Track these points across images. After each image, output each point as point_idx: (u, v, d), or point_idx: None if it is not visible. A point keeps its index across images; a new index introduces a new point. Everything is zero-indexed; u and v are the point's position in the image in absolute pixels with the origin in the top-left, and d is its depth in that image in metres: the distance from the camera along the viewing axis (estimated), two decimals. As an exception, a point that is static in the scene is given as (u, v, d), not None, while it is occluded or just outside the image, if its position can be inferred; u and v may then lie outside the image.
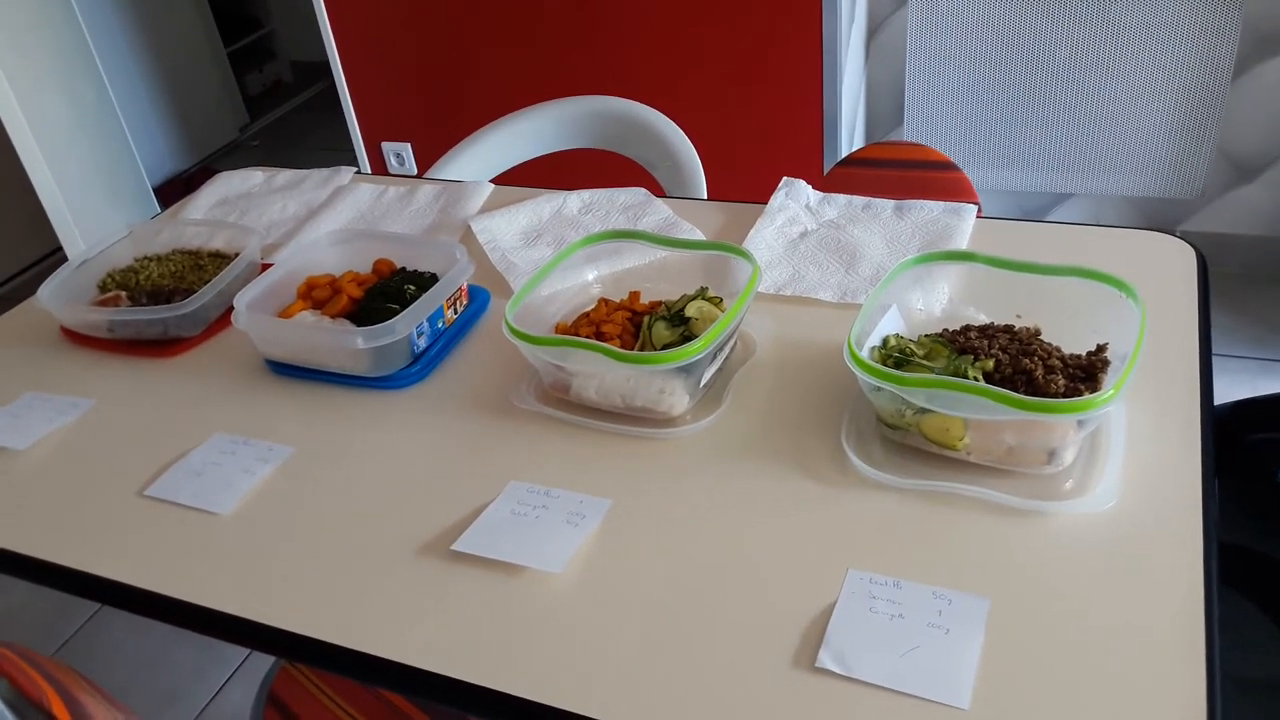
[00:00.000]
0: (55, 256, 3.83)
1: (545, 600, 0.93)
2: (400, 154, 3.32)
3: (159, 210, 1.93)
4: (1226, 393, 1.16)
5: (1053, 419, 0.92)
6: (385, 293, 1.31)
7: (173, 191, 4.04)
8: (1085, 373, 1.01)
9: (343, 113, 3.30)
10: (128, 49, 4.22)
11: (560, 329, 1.23)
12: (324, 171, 1.87)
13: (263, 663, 2.02)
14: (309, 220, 1.69)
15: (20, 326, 1.51)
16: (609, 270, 1.33)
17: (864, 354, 1.01)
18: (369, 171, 3.30)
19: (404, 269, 1.38)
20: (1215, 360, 1.13)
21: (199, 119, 4.64)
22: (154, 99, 4.38)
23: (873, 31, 2.88)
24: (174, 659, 2.13)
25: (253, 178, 1.89)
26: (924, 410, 0.98)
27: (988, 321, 1.12)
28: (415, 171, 3.31)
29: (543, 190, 1.69)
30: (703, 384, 1.14)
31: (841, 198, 1.53)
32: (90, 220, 3.28)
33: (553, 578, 0.95)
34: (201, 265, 1.51)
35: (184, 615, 0.98)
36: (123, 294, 1.44)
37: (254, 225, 1.71)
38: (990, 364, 1.01)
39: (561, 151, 2.17)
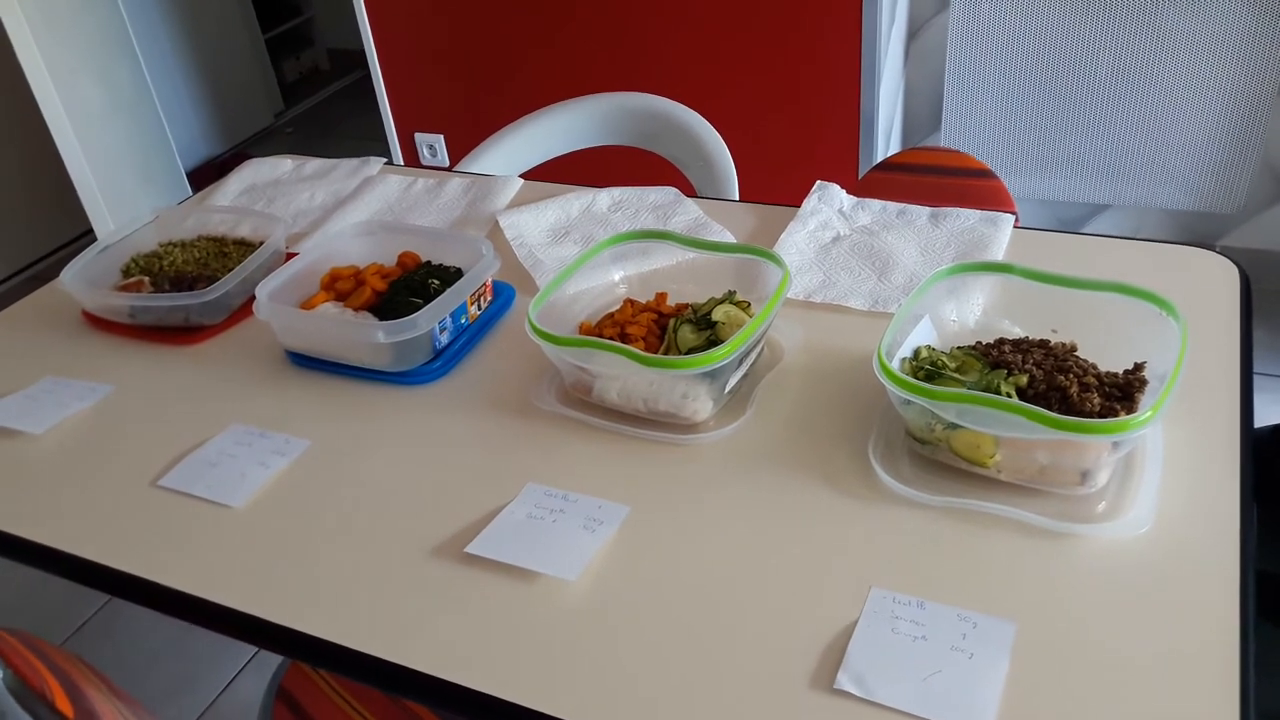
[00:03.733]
0: (86, 238, 3.86)
1: (559, 608, 0.91)
2: (433, 145, 3.32)
3: (191, 194, 1.93)
4: (1264, 411, 1.13)
5: (1087, 439, 0.89)
6: (409, 286, 1.29)
7: (206, 176, 4.05)
8: (1122, 392, 0.98)
9: (377, 103, 3.30)
10: (165, 33, 4.24)
11: (584, 329, 1.21)
12: (353, 161, 1.86)
13: (275, 655, 2.02)
14: (336, 210, 1.68)
15: (43, 309, 1.50)
16: (636, 270, 1.31)
17: (894, 365, 0.99)
18: (401, 162, 3.30)
19: (429, 263, 1.37)
20: (1254, 379, 1.09)
21: (234, 104, 4.66)
22: (190, 84, 4.40)
23: (913, 34, 2.84)
24: (187, 648, 2.13)
25: (282, 165, 1.88)
26: (954, 426, 0.95)
27: (1022, 335, 1.09)
28: (448, 163, 3.30)
29: (573, 186, 1.67)
30: (727, 390, 1.12)
31: (876, 203, 1.50)
32: (122, 203, 3.29)
33: (567, 585, 0.93)
34: (226, 253, 1.50)
35: (192, 610, 0.97)
36: (146, 279, 1.43)
37: (281, 213, 1.70)
38: (1024, 379, 0.98)
39: (593, 148, 2.15)
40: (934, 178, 1.68)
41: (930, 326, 1.11)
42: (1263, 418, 1.09)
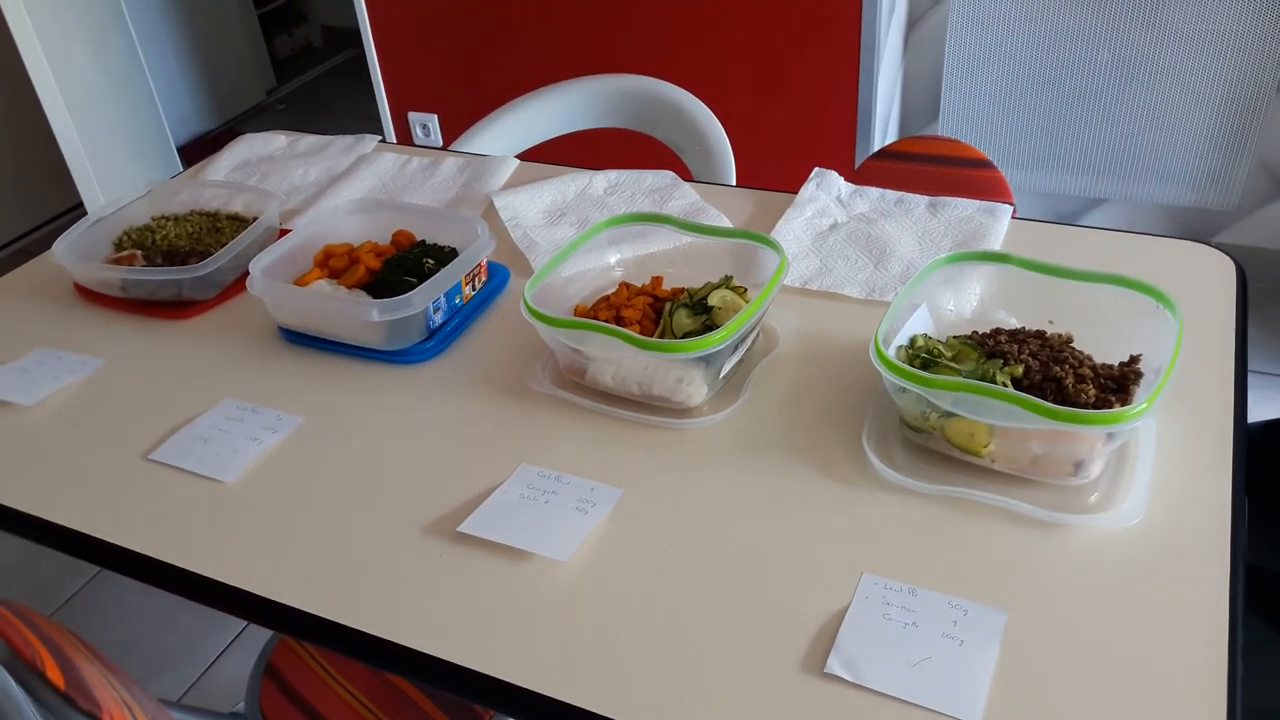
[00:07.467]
0: (76, 212, 3.83)
1: (550, 589, 0.91)
2: (427, 125, 3.30)
3: (182, 169, 1.92)
4: (1255, 410, 1.13)
5: (1082, 430, 0.89)
6: (403, 265, 1.28)
7: (197, 151, 4.02)
8: (1117, 384, 0.98)
9: (371, 81, 3.28)
10: (158, 8, 4.20)
11: (579, 311, 1.20)
12: (348, 138, 1.84)
13: (263, 631, 2.01)
14: (330, 187, 1.67)
15: (34, 281, 1.49)
16: (632, 254, 1.31)
17: (890, 353, 0.99)
18: (394, 141, 3.28)
19: (423, 242, 1.36)
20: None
21: (226, 80, 4.62)
22: (183, 59, 4.37)
23: (912, 24, 2.84)
24: (175, 622, 2.13)
25: (276, 141, 1.87)
26: (949, 414, 0.95)
27: (1019, 326, 1.09)
28: (441, 143, 3.29)
29: (569, 168, 1.67)
30: (722, 375, 1.12)
31: (874, 191, 1.50)
32: (113, 177, 3.27)
33: (559, 565, 0.93)
34: (219, 228, 1.49)
35: (182, 584, 0.97)
36: (138, 253, 1.42)
37: (275, 189, 1.69)
38: (1019, 370, 0.98)
39: (589, 130, 2.14)
40: (932, 167, 1.68)
41: (927, 315, 1.10)
42: (1254, 415, 1.09)
